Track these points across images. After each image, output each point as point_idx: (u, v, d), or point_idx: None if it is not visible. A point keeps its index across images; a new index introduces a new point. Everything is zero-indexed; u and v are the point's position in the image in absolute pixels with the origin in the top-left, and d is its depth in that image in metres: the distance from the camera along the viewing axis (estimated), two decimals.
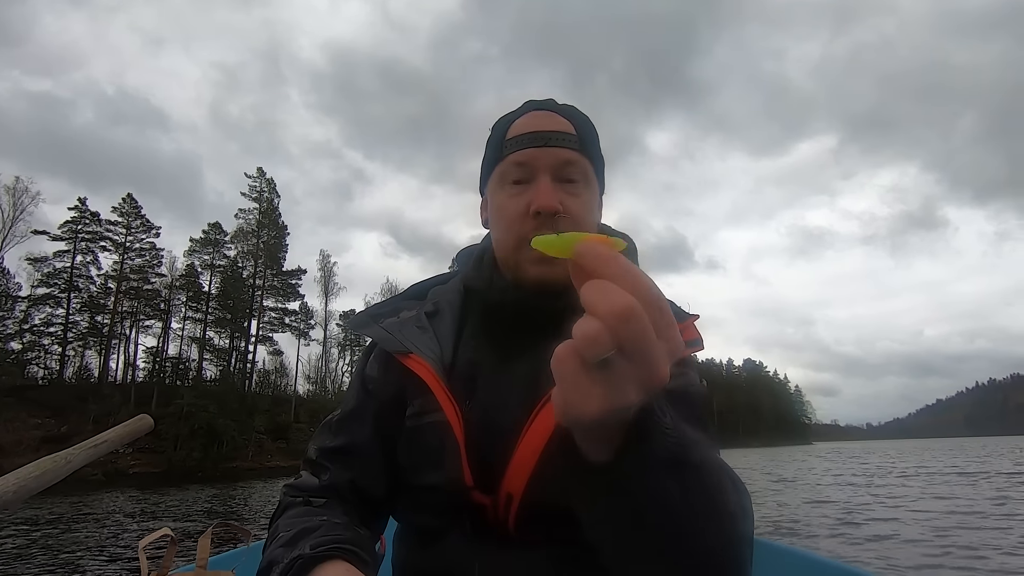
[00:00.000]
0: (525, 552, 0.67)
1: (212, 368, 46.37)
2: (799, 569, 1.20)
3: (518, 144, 0.75)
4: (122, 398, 37.97)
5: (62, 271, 40.96)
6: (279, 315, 49.20)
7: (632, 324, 0.30)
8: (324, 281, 52.06)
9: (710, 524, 0.45)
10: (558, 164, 0.73)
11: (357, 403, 0.80)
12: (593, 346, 0.30)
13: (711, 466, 0.46)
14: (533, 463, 0.64)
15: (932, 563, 5.73)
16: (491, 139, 0.81)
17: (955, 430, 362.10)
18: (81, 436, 1.26)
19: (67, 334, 40.58)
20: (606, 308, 0.30)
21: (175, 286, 45.28)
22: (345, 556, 0.60)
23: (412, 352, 0.74)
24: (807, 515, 9.08)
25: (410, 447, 0.74)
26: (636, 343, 0.31)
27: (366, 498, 0.75)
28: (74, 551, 8.06)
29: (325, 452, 0.78)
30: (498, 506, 0.67)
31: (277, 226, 49.71)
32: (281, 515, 0.72)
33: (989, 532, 7.19)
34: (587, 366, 0.31)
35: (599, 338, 0.30)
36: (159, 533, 1.26)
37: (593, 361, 0.31)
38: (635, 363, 0.31)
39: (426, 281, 0.92)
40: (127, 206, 43.80)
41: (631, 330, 0.30)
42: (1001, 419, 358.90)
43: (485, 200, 0.83)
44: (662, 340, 0.32)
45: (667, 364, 0.32)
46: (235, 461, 36.30)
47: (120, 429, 1.44)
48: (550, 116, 0.77)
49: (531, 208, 0.71)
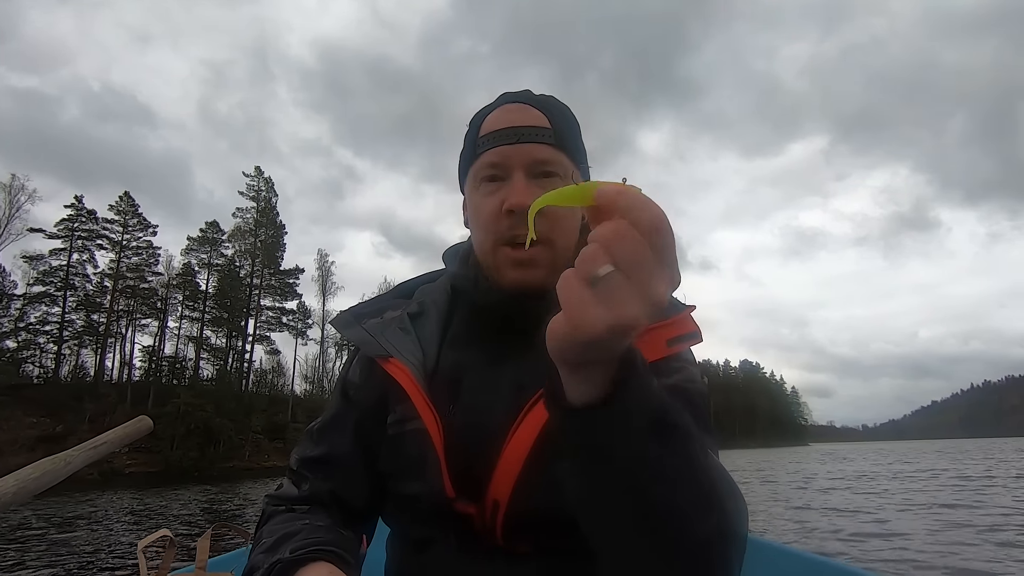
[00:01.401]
0: (513, 562, 0.65)
1: (209, 367, 46.41)
2: (795, 569, 1.20)
3: (491, 141, 0.72)
4: (118, 397, 37.88)
5: (58, 269, 40.82)
6: (276, 314, 49.13)
7: (626, 242, 0.34)
8: (322, 280, 52.00)
9: (691, 492, 0.45)
10: (532, 161, 0.70)
11: (337, 411, 0.78)
12: (590, 263, 0.34)
13: (695, 440, 0.46)
14: (519, 469, 0.62)
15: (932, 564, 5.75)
16: (467, 135, 0.78)
17: (950, 432, 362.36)
18: (77, 436, 1.27)
19: (63, 333, 40.43)
20: (602, 230, 0.34)
21: (172, 285, 45.20)
22: (326, 558, 0.59)
23: (392, 356, 0.72)
24: (817, 520, 9.02)
25: (392, 455, 0.72)
26: (630, 259, 0.34)
27: (347, 507, 0.74)
28: (70, 552, 8.03)
29: (305, 462, 0.76)
30: (484, 514, 0.65)
31: (275, 225, 49.67)
32: (264, 524, 0.71)
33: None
34: (588, 284, 0.34)
35: (595, 255, 0.34)
36: (158, 534, 1.27)
37: (591, 277, 0.34)
38: (632, 279, 0.34)
39: (414, 279, 0.90)
40: (124, 204, 43.68)
41: (625, 248, 0.34)
42: (996, 421, 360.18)
43: (466, 199, 0.80)
44: (661, 263, 0.35)
45: (666, 285, 0.35)
46: (232, 461, 36.21)
47: (119, 431, 1.44)
48: (523, 110, 0.73)
49: (504, 206, 0.69)
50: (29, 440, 31.25)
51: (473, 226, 0.76)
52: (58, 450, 1.33)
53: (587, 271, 0.34)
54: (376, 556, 0.83)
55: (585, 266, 0.34)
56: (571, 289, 0.34)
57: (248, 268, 48.09)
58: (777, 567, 1.22)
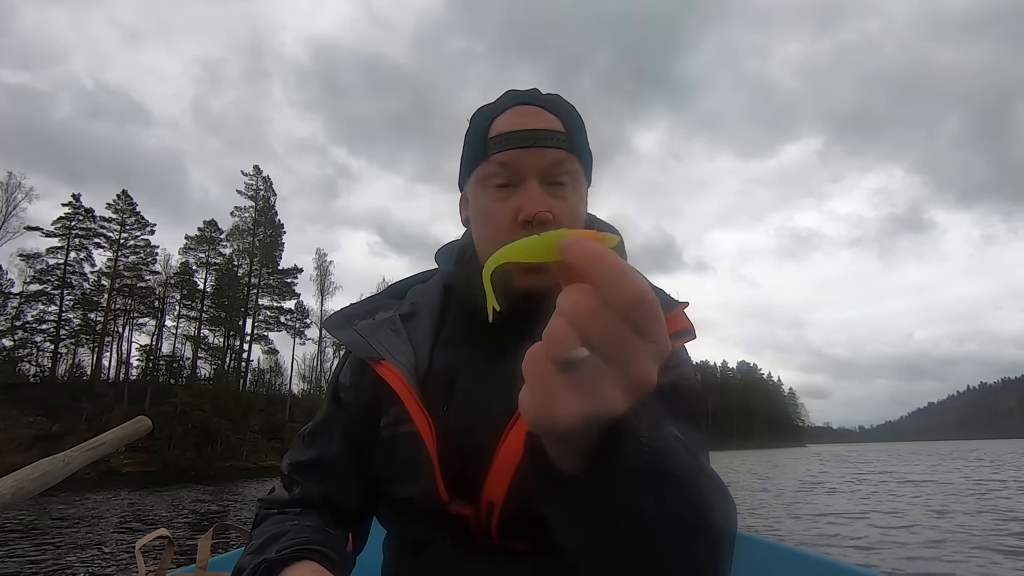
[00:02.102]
0: (510, 562, 0.64)
1: (206, 367, 46.34)
2: (791, 566, 1.21)
3: (503, 143, 0.69)
4: (115, 396, 37.78)
5: (55, 268, 40.71)
6: (275, 314, 49.10)
7: (599, 321, 0.28)
8: (320, 280, 51.96)
9: (688, 535, 0.42)
10: (547, 166, 0.68)
11: (328, 414, 0.78)
12: (557, 345, 0.29)
13: (690, 472, 0.42)
14: (513, 470, 0.61)
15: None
16: (471, 132, 0.74)
17: (948, 433, 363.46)
18: (74, 435, 1.27)
19: (60, 331, 40.31)
20: (570, 305, 0.29)
21: (169, 284, 45.09)
22: (311, 557, 0.59)
23: (384, 359, 0.71)
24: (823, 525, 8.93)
25: (385, 458, 0.72)
26: (607, 340, 0.29)
27: (340, 510, 0.74)
28: (68, 552, 8.01)
29: (297, 466, 0.76)
30: (480, 515, 0.64)
31: (273, 224, 49.63)
32: (256, 527, 0.72)
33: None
34: (560, 368, 0.29)
35: (565, 334, 0.29)
36: (156, 534, 1.27)
37: (561, 360, 0.29)
38: (612, 363, 0.29)
39: (407, 279, 0.89)
40: (122, 203, 43.59)
41: (599, 327, 0.28)
42: (993, 423, 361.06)
43: (465, 197, 0.78)
44: (646, 339, 0.29)
45: (652, 364, 0.30)
46: (229, 461, 36.17)
47: (118, 431, 1.44)
48: (536, 112, 0.70)
49: (520, 217, 0.66)
50: (25, 439, 31.17)
51: (478, 228, 0.73)
52: (55, 449, 1.33)
53: (554, 353, 0.29)
54: (373, 557, 0.84)
55: (555, 348, 0.29)
56: (539, 376, 0.30)
57: (246, 267, 48.08)
58: (771, 564, 1.22)
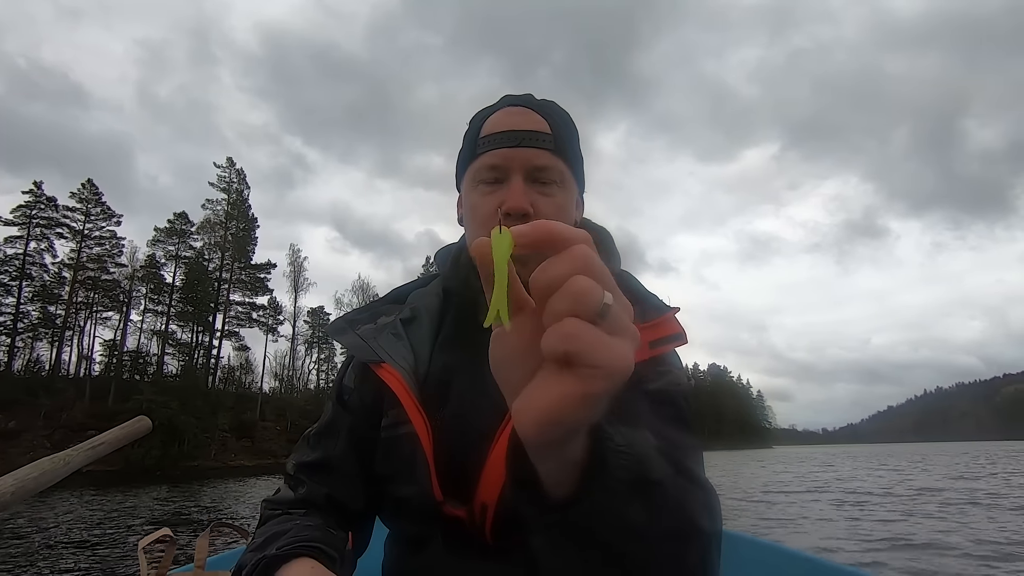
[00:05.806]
0: (504, 563, 0.65)
1: (174, 363, 44.88)
2: (775, 564, 1.23)
3: (491, 143, 0.73)
4: (76, 392, 36.36)
5: (13, 258, 38.97)
6: (246, 310, 47.93)
7: (596, 270, 0.29)
8: (294, 276, 50.93)
9: (679, 544, 0.43)
10: (531, 165, 0.72)
11: (333, 415, 0.80)
12: (588, 295, 0.28)
13: (673, 476, 0.43)
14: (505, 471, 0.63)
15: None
16: (466, 134, 0.79)
17: (904, 436, 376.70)
18: (31, 431, 1.27)
19: (17, 324, 38.57)
20: (566, 264, 0.29)
21: (136, 277, 43.63)
22: (310, 554, 0.60)
23: (384, 362, 0.73)
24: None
25: (385, 459, 0.74)
26: (611, 285, 0.29)
27: (344, 510, 0.76)
28: (63, 551, 7.72)
29: (302, 467, 0.79)
30: (474, 516, 0.66)
31: (246, 218, 48.38)
32: (260, 527, 0.73)
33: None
34: (596, 318, 0.29)
35: (589, 286, 0.28)
36: (158, 534, 1.28)
37: (598, 308, 0.28)
38: (619, 301, 0.30)
39: (407, 284, 0.91)
40: (87, 192, 41.93)
41: (599, 273, 0.29)
42: (947, 426, 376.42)
43: (461, 197, 0.82)
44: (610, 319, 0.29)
45: (624, 345, 0.29)
46: (197, 460, 35.06)
47: (118, 431, 1.44)
48: (525, 113, 0.74)
49: (502, 208, 0.69)
50: None
51: (468, 225, 0.78)
52: (11, 447, 1.32)
53: (594, 302, 0.28)
54: (374, 557, 0.87)
55: (587, 298, 0.28)
56: (587, 332, 0.28)
57: (217, 262, 46.81)
58: (764, 563, 1.23)
